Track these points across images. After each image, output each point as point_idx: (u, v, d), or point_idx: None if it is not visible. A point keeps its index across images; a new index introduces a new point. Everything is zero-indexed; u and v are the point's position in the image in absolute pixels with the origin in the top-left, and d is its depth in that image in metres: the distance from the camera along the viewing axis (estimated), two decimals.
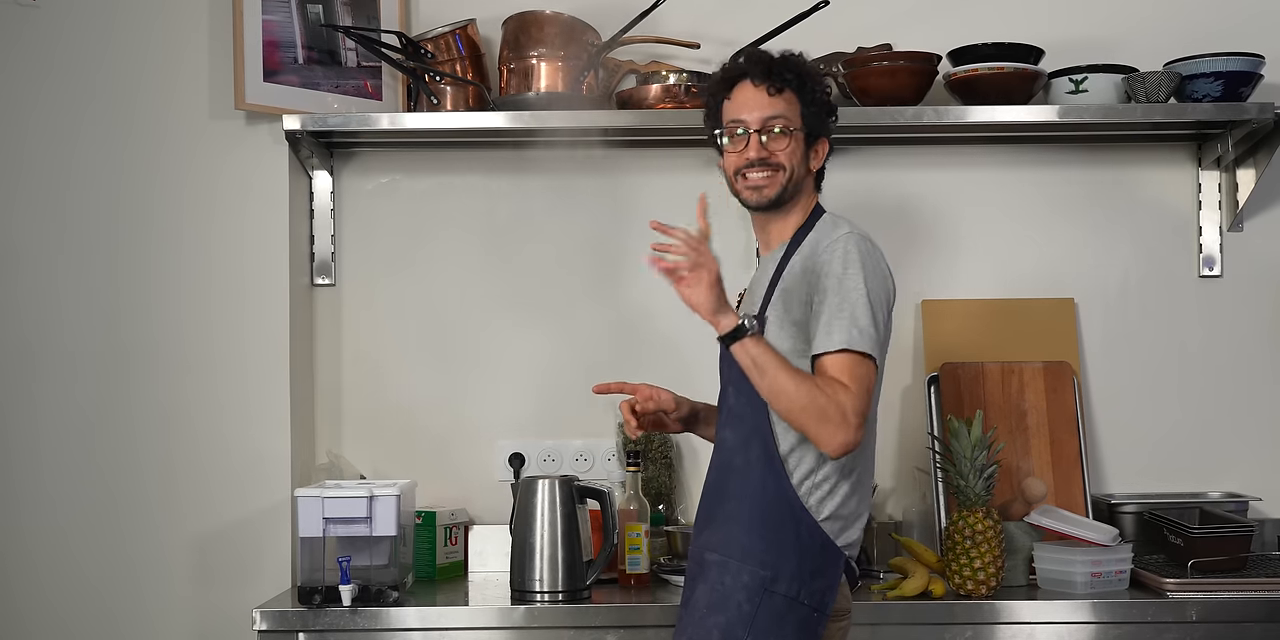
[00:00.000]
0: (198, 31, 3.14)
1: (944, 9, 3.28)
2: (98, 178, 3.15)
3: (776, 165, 2.39)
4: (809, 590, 2.28)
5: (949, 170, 3.32)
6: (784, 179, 2.39)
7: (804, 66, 2.44)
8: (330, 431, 3.29)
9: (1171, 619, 2.73)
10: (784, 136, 2.39)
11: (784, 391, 2.24)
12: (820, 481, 2.31)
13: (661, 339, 3.26)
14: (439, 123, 3.12)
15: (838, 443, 2.23)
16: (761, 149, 2.39)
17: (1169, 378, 3.29)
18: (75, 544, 3.11)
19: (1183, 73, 3.06)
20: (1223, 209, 3.29)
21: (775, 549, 2.29)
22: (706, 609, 2.31)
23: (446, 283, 3.31)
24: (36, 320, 3.14)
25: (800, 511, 2.30)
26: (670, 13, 3.14)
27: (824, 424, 2.23)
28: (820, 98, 2.44)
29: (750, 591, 2.28)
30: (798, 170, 2.41)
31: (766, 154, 2.39)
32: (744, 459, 2.35)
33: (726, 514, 2.36)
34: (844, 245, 2.32)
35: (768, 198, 2.40)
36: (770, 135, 2.39)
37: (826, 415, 2.22)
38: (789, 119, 2.39)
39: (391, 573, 2.81)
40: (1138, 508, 3.11)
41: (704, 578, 2.34)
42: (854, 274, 2.29)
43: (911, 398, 3.27)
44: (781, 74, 2.40)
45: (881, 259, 2.37)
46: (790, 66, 2.42)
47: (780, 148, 2.39)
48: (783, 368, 2.25)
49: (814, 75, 2.44)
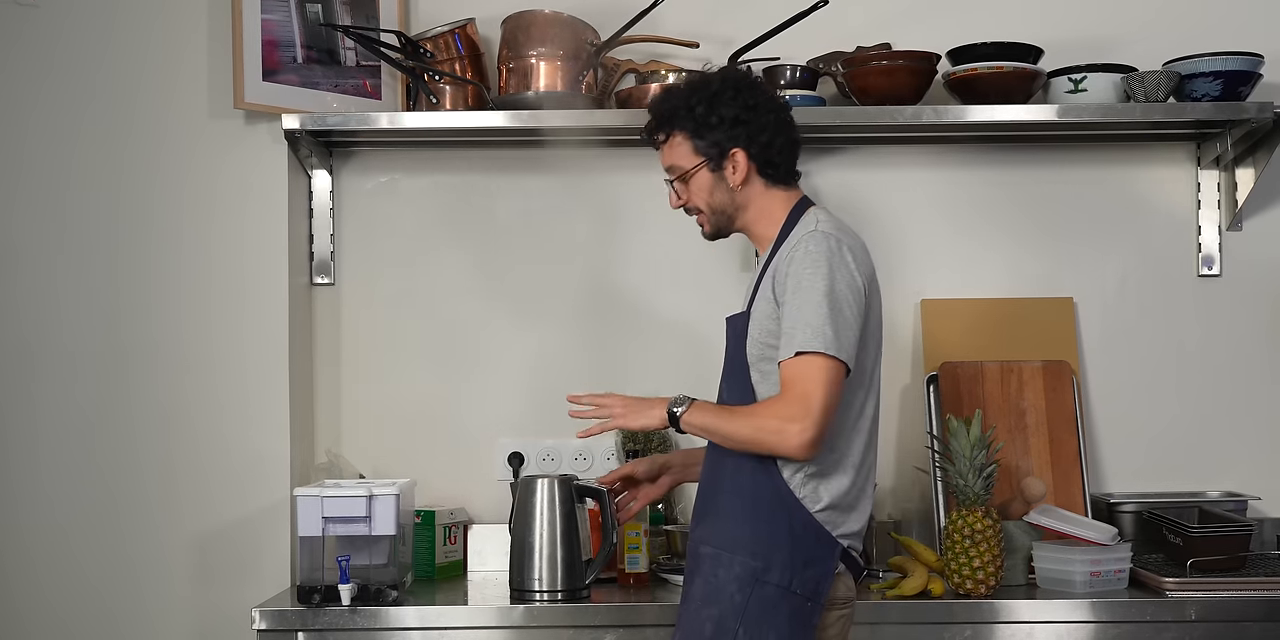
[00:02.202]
0: (197, 31, 3.14)
1: (943, 8, 3.28)
2: (97, 177, 3.15)
3: (694, 209, 2.50)
4: (801, 579, 2.29)
5: (948, 170, 3.32)
6: (709, 216, 2.48)
7: (670, 101, 2.47)
8: (329, 431, 3.29)
9: (1170, 618, 2.73)
10: (683, 183, 2.48)
11: (734, 435, 2.33)
12: (814, 473, 2.32)
13: (660, 338, 3.27)
14: (438, 122, 3.12)
15: (793, 446, 2.25)
16: (677, 198, 2.50)
17: (1168, 377, 3.29)
18: (75, 543, 3.11)
19: (1182, 72, 3.06)
20: (1222, 208, 3.29)
21: (766, 539, 2.30)
22: (700, 601, 2.33)
23: (446, 282, 3.31)
24: (36, 320, 3.14)
25: (792, 503, 2.30)
26: (669, 12, 3.14)
27: (775, 438, 2.27)
28: (702, 118, 2.42)
29: (741, 582, 2.29)
30: (716, 200, 2.46)
31: (683, 201, 2.49)
32: (735, 452, 2.36)
33: (719, 508, 2.38)
34: (805, 245, 2.32)
35: (709, 235, 2.52)
36: (674, 180, 2.49)
37: (766, 431, 2.27)
38: (677, 164, 2.47)
39: (391, 572, 2.81)
40: (1137, 507, 3.11)
41: (699, 571, 2.36)
42: (809, 273, 2.29)
43: (911, 397, 3.27)
44: (652, 128, 2.50)
45: (842, 253, 2.32)
46: (657, 111, 2.48)
47: (686, 190, 2.48)
48: (722, 417, 2.35)
49: (681, 102, 2.45)
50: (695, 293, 3.25)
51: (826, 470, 2.33)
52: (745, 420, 2.32)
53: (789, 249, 2.34)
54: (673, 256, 3.27)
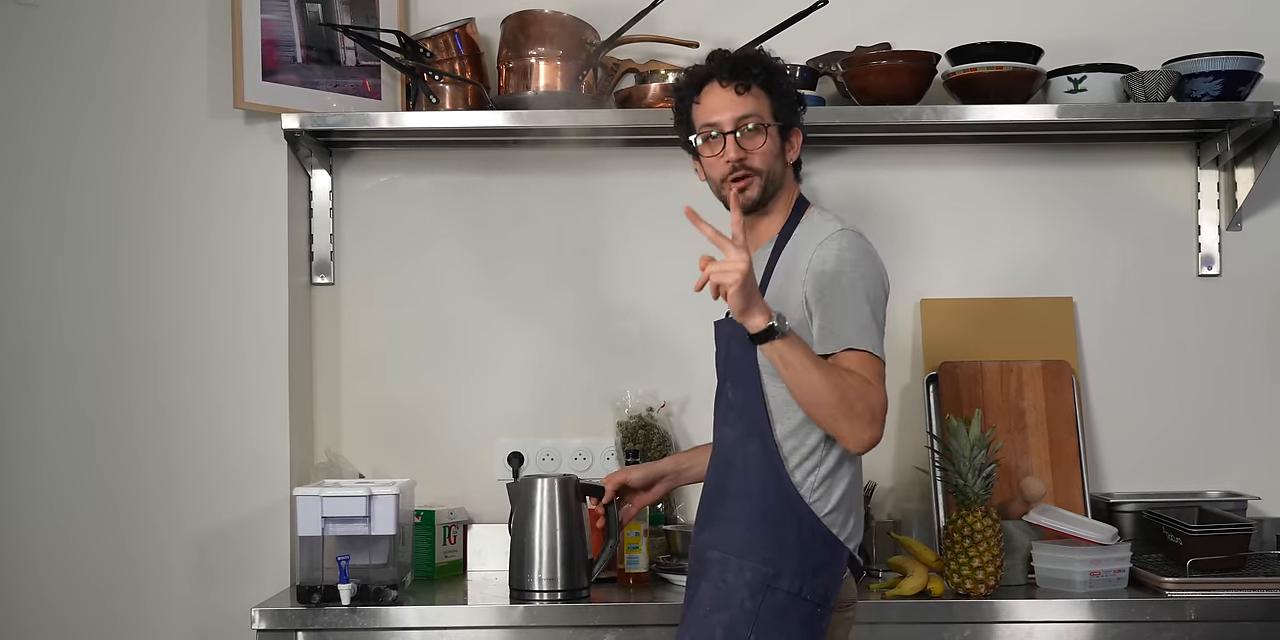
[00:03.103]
0: (197, 31, 3.15)
1: (943, 8, 3.28)
2: (97, 177, 3.15)
3: (749, 169, 2.38)
4: (811, 585, 2.29)
5: (948, 169, 3.32)
6: (762, 181, 2.39)
7: (769, 61, 2.44)
8: (329, 430, 3.29)
9: (1170, 618, 2.73)
10: (758, 133, 2.38)
11: (814, 387, 2.22)
12: (822, 478, 2.31)
13: (660, 338, 3.27)
14: (438, 122, 3.12)
15: (866, 439, 2.24)
16: (738, 149, 2.38)
17: (1168, 377, 3.29)
18: (75, 543, 3.11)
19: (1181, 72, 3.06)
20: (1221, 208, 3.29)
21: (777, 545, 2.29)
22: (710, 607, 2.31)
23: (445, 281, 3.31)
24: (36, 320, 3.14)
25: (802, 508, 2.30)
26: (669, 12, 3.14)
27: (853, 420, 2.22)
28: (788, 89, 2.44)
29: (753, 589, 2.28)
30: (774, 168, 2.40)
31: (743, 154, 2.38)
32: (743, 456, 2.35)
33: (727, 512, 2.36)
34: (839, 243, 2.32)
35: (750, 199, 2.40)
36: (744, 133, 2.38)
37: (855, 411, 2.22)
38: (760, 115, 2.39)
39: (390, 572, 2.81)
40: (1136, 507, 3.11)
41: (706, 576, 2.34)
42: (851, 272, 2.29)
43: (910, 397, 3.27)
44: (747, 70, 2.40)
45: (875, 254, 2.36)
46: (755, 62, 2.42)
47: (755, 146, 2.38)
48: (812, 363, 2.22)
49: (779, 69, 2.44)
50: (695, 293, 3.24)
51: (834, 474, 2.32)
52: (839, 381, 2.21)
53: (816, 246, 2.33)
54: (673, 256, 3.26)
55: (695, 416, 3.24)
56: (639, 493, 2.71)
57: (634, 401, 3.22)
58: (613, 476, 2.73)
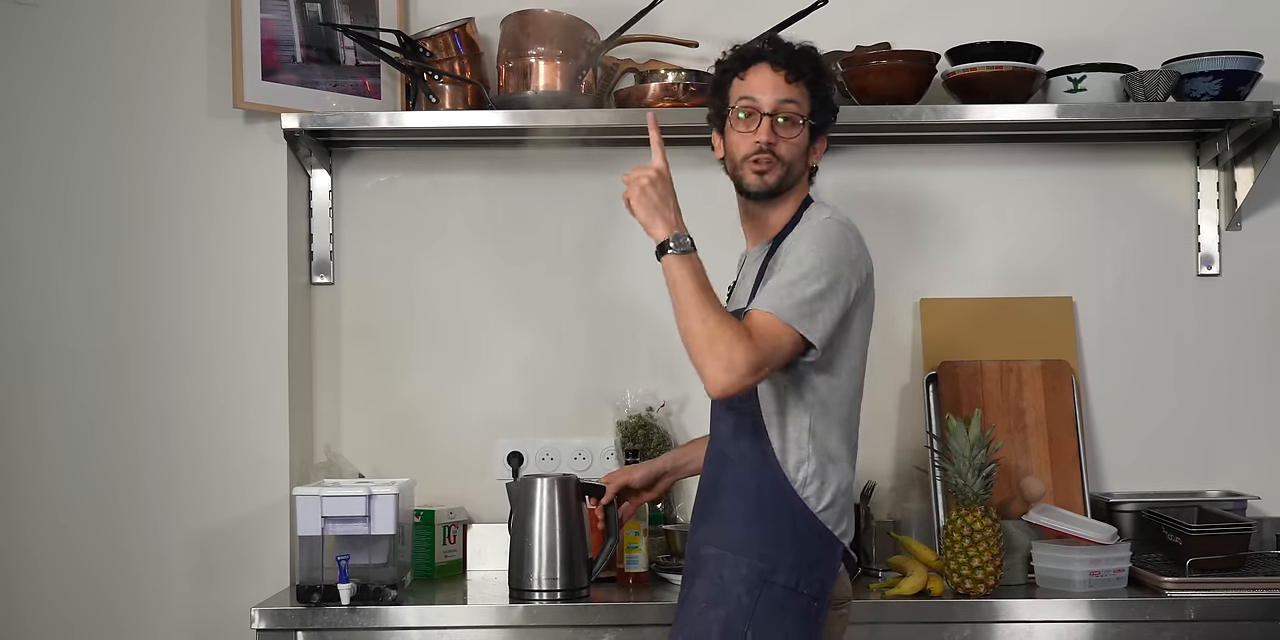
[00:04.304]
0: (196, 31, 3.15)
1: (942, 8, 3.28)
2: (97, 177, 3.15)
3: (780, 157, 2.39)
4: (808, 580, 2.29)
5: (947, 169, 3.32)
6: (782, 171, 2.39)
7: (820, 62, 2.45)
8: (329, 430, 3.29)
9: (1170, 617, 2.73)
10: (794, 125, 2.39)
11: (688, 315, 2.23)
12: (814, 473, 2.31)
13: (660, 337, 3.26)
14: (438, 121, 3.12)
15: (719, 383, 2.19)
16: (772, 133, 2.38)
17: (1167, 376, 3.29)
18: (75, 542, 3.11)
19: (1181, 72, 3.06)
20: (1221, 208, 3.29)
21: (772, 541, 2.30)
22: (706, 603, 2.31)
23: (445, 281, 3.31)
24: (36, 319, 3.14)
25: (796, 503, 2.30)
26: (669, 11, 3.14)
27: (709, 360, 2.19)
28: (829, 95, 2.45)
29: (749, 584, 2.28)
30: (797, 165, 2.41)
31: (775, 139, 2.38)
32: (737, 452, 2.36)
33: (722, 508, 2.36)
34: (817, 227, 2.34)
35: (768, 184, 2.39)
36: (781, 121, 2.39)
37: (715, 352, 2.19)
38: (801, 108, 2.40)
39: (390, 571, 2.81)
40: (1136, 506, 3.11)
41: (702, 572, 2.34)
42: (812, 250, 2.29)
43: (910, 396, 3.27)
44: (801, 63, 2.41)
45: (852, 242, 2.34)
46: (809, 59, 2.43)
47: (789, 137, 2.39)
48: (697, 291, 2.24)
49: (830, 74, 2.47)
50: None
51: (828, 471, 2.32)
52: (714, 320, 2.21)
53: (799, 231, 2.36)
54: None
55: (695, 416, 3.24)
56: (640, 492, 2.72)
57: (633, 401, 3.22)
58: (614, 478, 2.73)
